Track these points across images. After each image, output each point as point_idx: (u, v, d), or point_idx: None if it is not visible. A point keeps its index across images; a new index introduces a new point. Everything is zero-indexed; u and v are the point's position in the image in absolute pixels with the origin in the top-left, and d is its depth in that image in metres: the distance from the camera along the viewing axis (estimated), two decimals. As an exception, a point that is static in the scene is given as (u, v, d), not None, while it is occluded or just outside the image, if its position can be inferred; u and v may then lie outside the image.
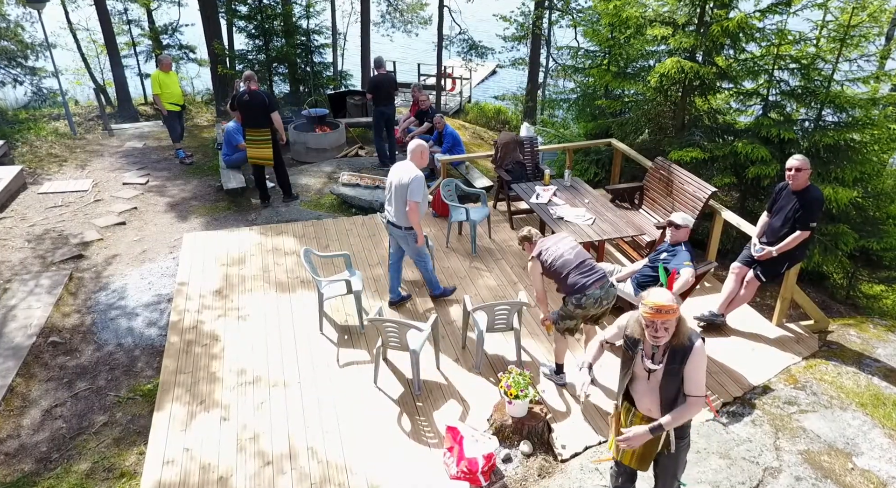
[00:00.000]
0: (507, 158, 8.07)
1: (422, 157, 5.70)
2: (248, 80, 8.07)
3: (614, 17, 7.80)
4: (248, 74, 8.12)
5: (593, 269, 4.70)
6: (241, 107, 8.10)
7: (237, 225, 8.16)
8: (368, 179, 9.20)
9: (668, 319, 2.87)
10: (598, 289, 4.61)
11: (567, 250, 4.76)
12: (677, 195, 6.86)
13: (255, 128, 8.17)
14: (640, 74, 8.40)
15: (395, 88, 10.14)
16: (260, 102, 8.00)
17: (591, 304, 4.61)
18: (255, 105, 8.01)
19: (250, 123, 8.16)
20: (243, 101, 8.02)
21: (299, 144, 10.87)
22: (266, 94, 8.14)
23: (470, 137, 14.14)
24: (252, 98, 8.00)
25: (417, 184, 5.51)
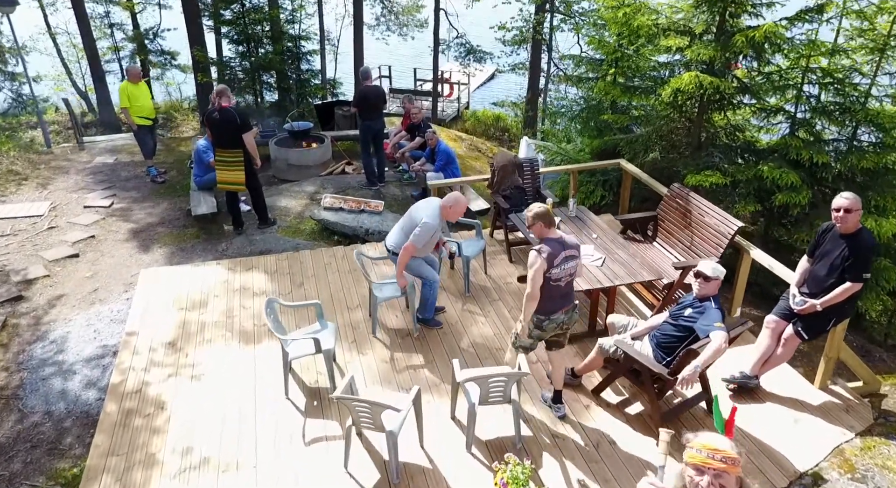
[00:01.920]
0: (504, 182, 7.25)
1: (450, 211, 5.15)
2: (220, 95, 7.26)
3: (623, 26, 6.98)
4: (220, 89, 7.30)
5: (569, 295, 4.45)
6: (210, 125, 7.30)
7: (205, 256, 7.34)
8: (353, 202, 8.38)
9: (726, 472, 2.04)
10: (564, 314, 4.42)
11: (567, 273, 4.34)
12: (697, 228, 6.04)
13: (225, 150, 7.36)
14: (650, 88, 7.57)
15: (384, 101, 9.32)
16: (230, 121, 7.19)
17: (551, 328, 4.43)
18: (226, 124, 7.21)
19: (221, 143, 7.36)
20: (213, 119, 7.22)
21: (280, 161, 10.06)
22: (238, 112, 7.33)
23: (466, 150, 13.32)
24: (222, 116, 7.19)
25: (424, 230, 5.04)
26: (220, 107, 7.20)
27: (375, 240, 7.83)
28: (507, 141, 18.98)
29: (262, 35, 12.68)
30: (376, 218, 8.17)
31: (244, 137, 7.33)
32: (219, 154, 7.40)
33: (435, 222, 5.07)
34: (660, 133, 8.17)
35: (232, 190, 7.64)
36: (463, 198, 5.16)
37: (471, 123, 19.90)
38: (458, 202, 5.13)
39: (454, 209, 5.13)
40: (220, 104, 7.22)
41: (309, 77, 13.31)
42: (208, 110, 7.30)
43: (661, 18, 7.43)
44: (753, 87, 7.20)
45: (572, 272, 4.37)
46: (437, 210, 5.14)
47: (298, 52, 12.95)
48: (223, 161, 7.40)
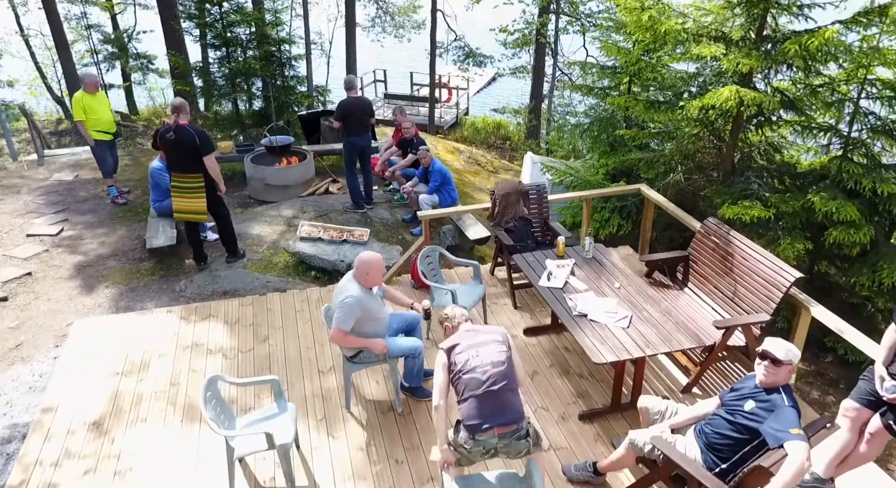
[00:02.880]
0: (507, 214, 6.21)
1: (368, 278, 4.24)
2: (177, 111, 6.22)
3: (648, 32, 5.94)
4: (177, 104, 6.25)
5: (502, 410, 3.32)
6: (165, 147, 6.26)
7: (158, 298, 6.31)
8: (334, 231, 7.33)
9: None
10: (495, 437, 3.29)
11: (482, 366, 3.38)
12: (741, 276, 4.99)
13: (183, 175, 6.33)
14: (676, 102, 6.53)
15: (371, 114, 8.28)
16: (188, 142, 6.18)
17: (478, 453, 3.34)
18: (183, 145, 6.19)
19: (177, 167, 6.32)
20: (167, 140, 6.18)
21: (256, 180, 9.01)
22: (197, 131, 6.31)
23: (464, 163, 12.28)
24: (179, 136, 6.17)
25: (344, 311, 4.13)
26: (177, 125, 6.18)
27: (358, 276, 6.78)
28: (509, 150, 17.94)
29: (244, 38, 11.64)
30: (360, 249, 7.12)
31: (205, 160, 6.34)
32: (175, 179, 6.36)
33: (355, 296, 4.13)
34: (684, 152, 7.14)
35: (191, 220, 6.60)
36: (374, 258, 4.24)
37: (470, 131, 18.87)
38: (370, 265, 4.21)
39: (371, 275, 4.22)
40: (178, 122, 6.19)
41: (294, 84, 12.26)
42: (161, 129, 6.26)
43: (688, 22, 6.37)
44: (799, 101, 6.16)
45: (495, 362, 3.37)
46: (354, 283, 4.22)
47: (282, 57, 11.90)
48: (180, 187, 6.37)
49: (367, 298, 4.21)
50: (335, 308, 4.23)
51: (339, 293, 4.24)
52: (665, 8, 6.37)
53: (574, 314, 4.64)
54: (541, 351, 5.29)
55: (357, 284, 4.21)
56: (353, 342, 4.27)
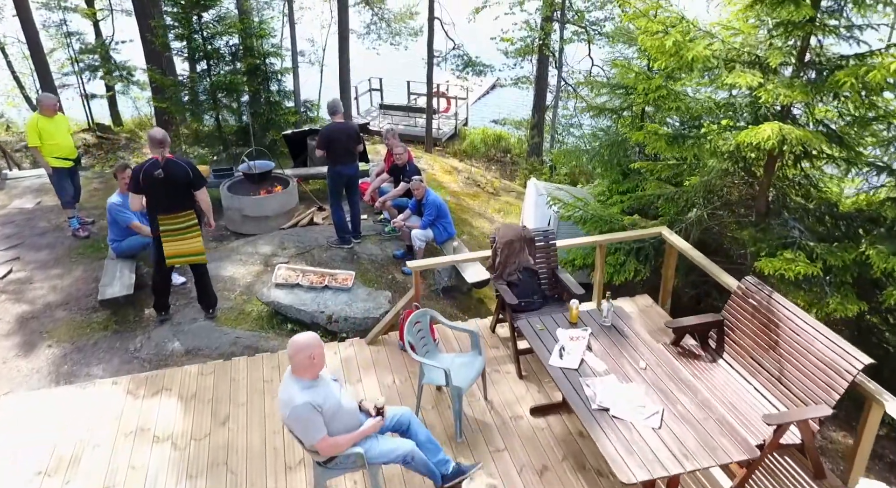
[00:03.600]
0: (510, 265, 5.38)
1: (303, 371, 3.44)
2: (160, 145, 5.37)
3: (673, 58, 5.11)
4: (159, 137, 5.37)
5: None
6: (151, 186, 5.36)
7: (108, 360, 5.48)
8: (314, 276, 6.50)
9: None
10: None
11: None
12: (790, 353, 4.17)
13: (173, 215, 5.51)
14: (703, 135, 5.70)
15: (358, 141, 7.45)
16: (180, 177, 5.40)
17: None
18: (174, 182, 5.38)
19: (168, 207, 5.49)
20: (156, 179, 5.31)
21: (233, 210, 8.19)
22: (188, 163, 5.53)
23: (463, 185, 11.45)
24: (170, 171, 5.35)
25: (305, 427, 3.39)
26: (164, 158, 5.35)
27: (341, 329, 5.97)
28: (510, 163, 17.13)
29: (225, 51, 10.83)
30: (343, 297, 6.30)
31: (198, 195, 5.57)
32: (165, 222, 5.50)
33: (304, 403, 3.32)
34: (709, 188, 6.32)
35: (192, 263, 5.80)
36: (309, 342, 3.36)
37: (469, 143, 18.05)
38: (301, 353, 3.34)
39: (309, 369, 3.39)
40: (164, 155, 5.36)
41: (280, 99, 11.44)
42: (145, 167, 5.32)
43: (715, 43, 5.55)
44: (846, 135, 5.34)
45: None
46: (293, 382, 3.41)
47: (267, 71, 11.09)
48: (172, 230, 5.54)
49: (318, 395, 3.39)
50: (289, 425, 3.42)
51: (284, 405, 3.40)
52: (689, 27, 5.55)
53: (593, 407, 3.82)
54: (551, 438, 4.46)
55: (299, 384, 3.38)
56: (347, 442, 3.47)
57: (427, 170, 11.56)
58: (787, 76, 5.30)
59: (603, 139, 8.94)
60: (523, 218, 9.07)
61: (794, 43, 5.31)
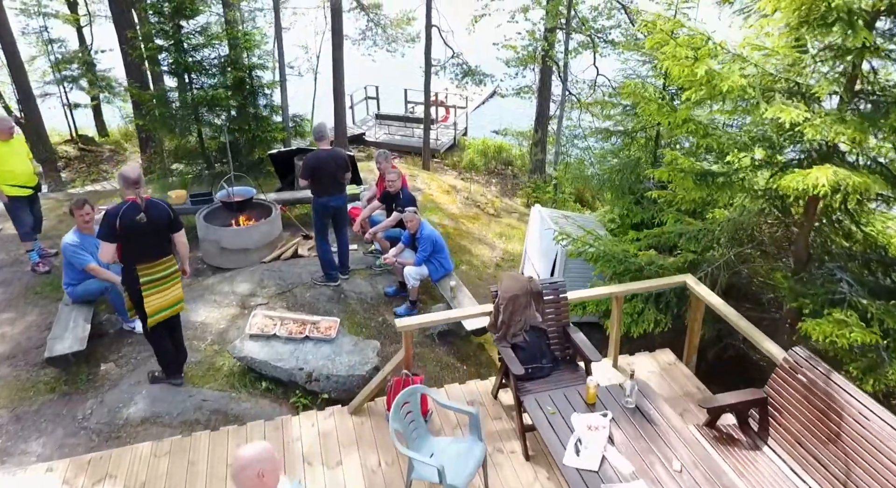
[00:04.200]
0: (515, 324, 4.66)
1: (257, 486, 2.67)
2: (135, 185, 4.64)
3: (703, 87, 4.39)
4: (134, 177, 4.62)
5: None
6: (133, 233, 4.62)
7: (52, 431, 4.77)
8: (293, 324, 5.78)
9: None
10: None
11: None
12: (857, 453, 3.46)
13: (154, 263, 4.81)
14: (735, 173, 4.98)
15: (347, 168, 6.75)
16: (163, 221, 4.75)
17: None
18: (158, 225, 4.72)
19: (149, 255, 4.78)
20: (138, 225, 4.59)
21: (210, 242, 7.47)
22: (167, 203, 4.87)
23: (462, 206, 10.73)
24: (152, 214, 4.66)
25: None
26: (144, 200, 4.65)
27: (323, 389, 5.27)
28: (511, 177, 16.42)
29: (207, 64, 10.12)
30: (326, 349, 5.58)
31: (177, 238, 4.94)
32: (146, 272, 4.76)
33: None
34: (739, 226, 5.61)
35: (174, 313, 5.10)
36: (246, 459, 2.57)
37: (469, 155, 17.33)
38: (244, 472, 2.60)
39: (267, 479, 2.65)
40: (142, 196, 4.66)
41: (268, 114, 10.72)
42: (123, 212, 4.53)
43: (747, 67, 4.83)
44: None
45: None
46: None
47: (253, 84, 10.37)
48: (157, 279, 4.83)
49: None
50: None
51: None
52: (717, 49, 4.83)
53: (620, 529, 3.10)
54: (564, 544, 3.75)
55: None
56: None
57: (423, 191, 10.85)
58: (833, 107, 4.59)
59: (613, 162, 8.26)
60: (527, 247, 8.36)
61: (842, 69, 4.60)
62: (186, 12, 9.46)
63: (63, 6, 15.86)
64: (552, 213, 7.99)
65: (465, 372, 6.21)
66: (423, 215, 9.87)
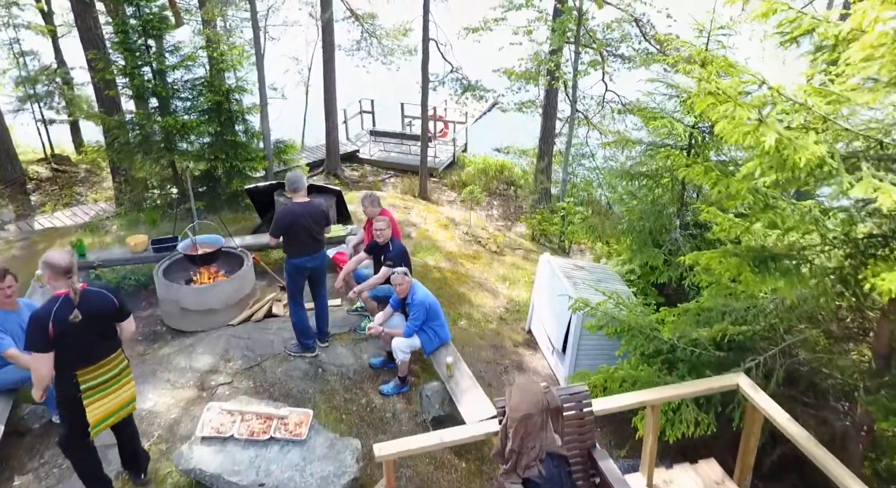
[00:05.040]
0: (528, 450, 3.66)
1: None
2: (66, 274, 3.68)
3: (771, 158, 3.39)
4: (64, 265, 3.64)
5: None
6: (67, 335, 3.64)
7: None
8: (256, 420, 4.77)
9: None
10: None
11: None
12: None
13: (99, 364, 3.88)
14: (802, 248, 4.00)
15: (326, 222, 5.77)
16: (106, 311, 3.87)
17: None
18: (99, 319, 3.82)
19: (92, 356, 3.85)
20: (73, 325, 3.64)
21: (169, 302, 6.47)
22: (110, 290, 3.95)
23: (461, 242, 9.74)
24: (90, 308, 3.75)
25: None
26: (78, 292, 3.70)
27: (287, 514, 4.26)
28: (514, 198, 15.44)
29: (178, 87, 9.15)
30: (294, 455, 4.58)
31: (125, 327, 4.05)
32: (90, 377, 3.82)
33: None
34: (798, 310, 4.61)
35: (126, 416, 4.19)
36: None
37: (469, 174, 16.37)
38: None
39: None
40: (76, 287, 3.69)
41: (248, 140, 9.75)
42: (55, 313, 3.59)
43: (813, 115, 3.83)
44: None
45: None
46: None
47: (231, 108, 9.40)
48: (101, 383, 3.89)
49: None
50: None
51: None
52: (775, 96, 3.83)
53: None
54: None
55: None
56: None
57: (419, 226, 9.86)
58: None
59: (633, 204, 7.27)
60: (534, 300, 7.37)
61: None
62: (154, 31, 8.50)
63: (37, 16, 14.87)
64: (564, 265, 7.00)
65: (465, 472, 5.22)
66: (419, 255, 8.92)
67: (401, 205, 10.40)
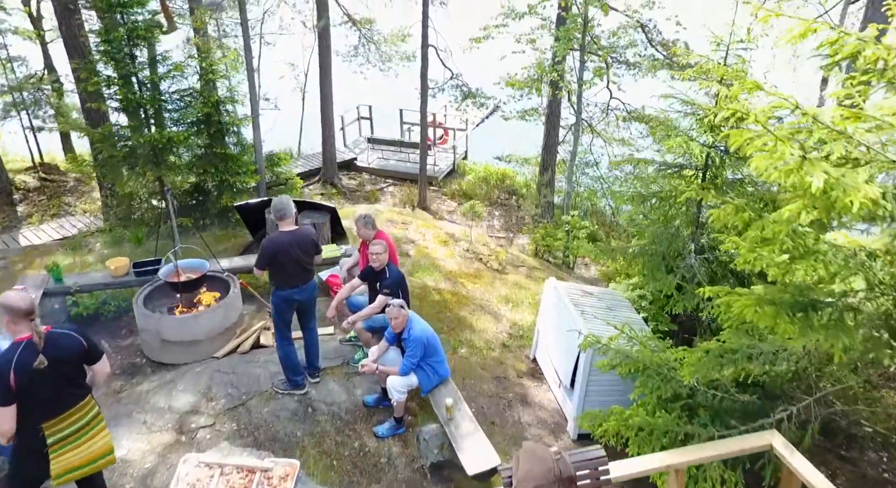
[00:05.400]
0: (538, 528, 3.23)
1: None
2: (27, 316, 3.32)
3: (816, 201, 2.95)
4: (24, 307, 3.30)
5: None
6: (31, 384, 3.27)
7: None
8: (236, 475, 4.36)
9: None
10: None
11: None
12: None
13: (66, 414, 3.51)
14: (842, 293, 3.58)
15: (316, 250, 5.35)
16: (74, 355, 3.49)
17: None
18: (68, 364, 3.45)
19: (58, 406, 3.48)
20: (37, 373, 3.28)
21: (149, 333, 6.04)
22: (78, 331, 3.55)
23: (461, 260, 9.31)
24: (56, 352, 3.38)
25: None
26: (43, 334, 3.33)
27: None
28: (515, 208, 15.01)
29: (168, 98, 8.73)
30: (280, 514, 4.16)
31: (97, 370, 3.66)
32: (57, 429, 3.46)
33: None
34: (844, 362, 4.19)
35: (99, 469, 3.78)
36: None
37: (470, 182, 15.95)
38: None
39: None
40: (39, 330, 3.31)
41: (239, 153, 9.33)
42: (17, 361, 3.21)
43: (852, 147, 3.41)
44: None
45: None
46: None
47: (221, 120, 8.99)
48: (70, 434, 3.52)
49: None
50: None
51: None
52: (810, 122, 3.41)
53: None
54: None
55: None
56: None
57: (418, 243, 9.44)
58: None
59: (644, 223, 6.86)
60: (540, 327, 6.94)
61: None
62: (139, 40, 8.08)
63: (25, 20, 14.46)
64: (571, 291, 6.57)
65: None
66: (417, 275, 8.49)
67: (398, 220, 9.98)
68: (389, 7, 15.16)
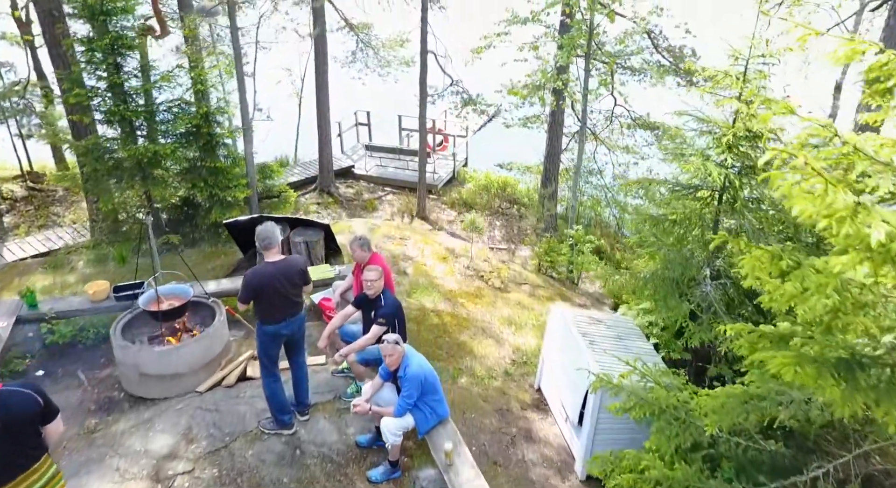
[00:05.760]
0: None
1: None
2: None
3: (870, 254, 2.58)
4: None
5: None
6: None
7: None
8: (215, 537, 3.95)
9: None
10: None
11: None
12: None
13: (17, 480, 3.18)
14: (891, 348, 3.19)
15: (305, 281, 4.95)
16: (27, 414, 3.16)
17: None
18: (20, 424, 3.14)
19: (8, 473, 3.16)
20: None
21: (126, 366, 5.64)
22: (34, 388, 3.22)
23: (461, 277, 8.91)
24: (8, 412, 3.10)
25: None
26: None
27: None
28: (517, 218, 14.62)
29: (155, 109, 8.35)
30: None
31: (50, 431, 3.30)
32: None
33: None
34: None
35: None
36: None
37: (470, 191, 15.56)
38: None
39: None
40: None
41: (229, 165, 8.93)
42: None
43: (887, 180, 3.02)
44: None
45: None
46: None
47: (210, 132, 8.60)
48: None
49: None
50: None
51: None
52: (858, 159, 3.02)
53: None
54: None
55: None
56: None
57: (416, 259, 9.04)
58: None
59: (656, 247, 6.47)
60: (545, 355, 6.55)
61: None
62: (122, 50, 7.69)
63: (12, 25, 14.06)
64: (579, 319, 6.17)
65: None
66: (415, 296, 8.08)
67: (396, 236, 9.59)
68: (388, 11, 14.75)
